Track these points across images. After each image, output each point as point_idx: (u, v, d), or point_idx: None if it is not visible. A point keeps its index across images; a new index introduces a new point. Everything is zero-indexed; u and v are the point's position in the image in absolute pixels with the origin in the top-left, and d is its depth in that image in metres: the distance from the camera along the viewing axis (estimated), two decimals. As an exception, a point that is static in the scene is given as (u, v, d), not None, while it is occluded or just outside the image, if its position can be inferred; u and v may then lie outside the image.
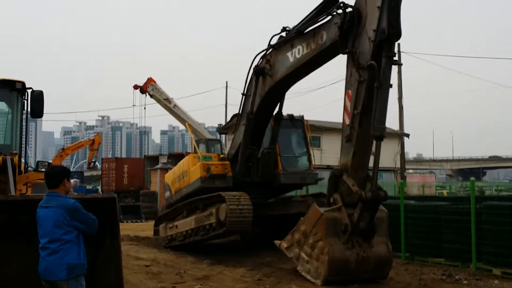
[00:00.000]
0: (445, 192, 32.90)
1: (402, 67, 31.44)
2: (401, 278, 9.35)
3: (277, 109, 12.38)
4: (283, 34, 10.83)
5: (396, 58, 8.51)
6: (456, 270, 9.77)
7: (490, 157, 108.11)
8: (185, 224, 12.98)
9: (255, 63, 11.66)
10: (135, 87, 33.77)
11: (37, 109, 7.88)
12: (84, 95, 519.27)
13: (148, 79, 33.48)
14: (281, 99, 12.25)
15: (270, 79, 11.27)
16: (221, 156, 13.71)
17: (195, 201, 12.75)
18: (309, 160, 13.54)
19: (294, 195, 14.95)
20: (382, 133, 8.06)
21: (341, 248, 8.38)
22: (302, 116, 13.90)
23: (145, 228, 20.23)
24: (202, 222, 12.13)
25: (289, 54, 10.49)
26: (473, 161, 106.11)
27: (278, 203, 13.66)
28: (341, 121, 9.10)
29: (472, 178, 11.37)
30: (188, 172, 13.41)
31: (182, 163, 14.36)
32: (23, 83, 8.17)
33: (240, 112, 12.63)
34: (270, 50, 11.25)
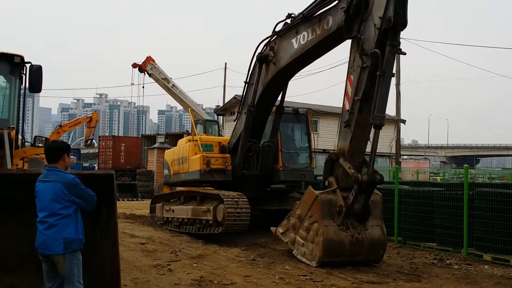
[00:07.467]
0: (438, 178, 33.09)
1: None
2: (393, 261, 9.49)
3: (278, 102, 12.23)
4: (288, 21, 10.58)
5: (401, 47, 8.32)
6: (447, 254, 9.93)
7: (483, 145, 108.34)
8: (182, 211, 12.92)
9: (258, 50, 11.39)
10: (134, 65, 33.64)
11: (36, 84, 7.76)
12: (83, 72, 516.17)
13: (147, 57, 33.35)
14: (283, 89, 12.04)
15: (274, 66, 11.04)
16: (222, 144, 13.41)
17: (192, 191, 12.72)
18: (310, 157, 13.33)
19: (293, 190, 14.74)
20: (381, 122, 8.02)
21: (335, 230, 8.47)
22: (307, 111, 13.63)
23: (141, 206, 20.38)
24: (199, 216, 12.12)
25: (293, 40, 10.27)
26: (467, 149, 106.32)
27: (275, 198, 13.35)
28: (338, 106, 9.08)
29: (466, 165, 11.44)
30: (188, 159, 13.25)
31: (183, 147, 14.07)
32: (21, 57, 8.07)
33: (242, 100, 12.40)
34: (275, 37, 10.99)
